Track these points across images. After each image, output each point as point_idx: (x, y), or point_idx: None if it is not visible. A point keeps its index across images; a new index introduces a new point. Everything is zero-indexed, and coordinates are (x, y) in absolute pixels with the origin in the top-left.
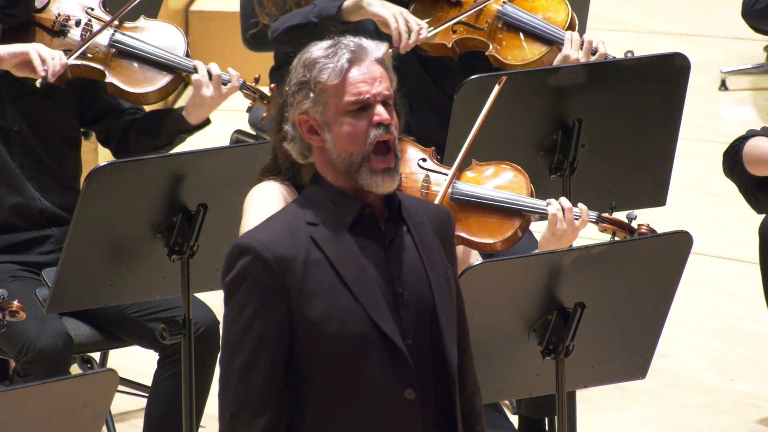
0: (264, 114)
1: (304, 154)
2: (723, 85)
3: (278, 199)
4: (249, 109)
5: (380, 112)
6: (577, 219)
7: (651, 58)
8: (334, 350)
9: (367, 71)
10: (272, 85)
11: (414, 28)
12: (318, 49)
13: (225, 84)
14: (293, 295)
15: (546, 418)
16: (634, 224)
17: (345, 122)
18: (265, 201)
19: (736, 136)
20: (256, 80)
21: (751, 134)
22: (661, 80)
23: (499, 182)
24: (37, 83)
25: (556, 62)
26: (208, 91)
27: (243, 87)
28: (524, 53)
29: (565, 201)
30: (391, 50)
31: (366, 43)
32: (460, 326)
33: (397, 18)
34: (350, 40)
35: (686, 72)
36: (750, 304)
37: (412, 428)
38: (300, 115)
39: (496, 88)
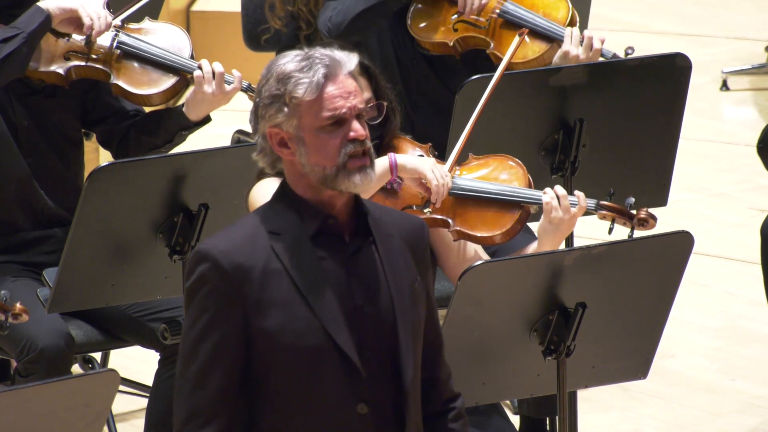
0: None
1: (274, 165)
2: (724, 85)
3: None
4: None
5: (356, 128)
6: (573, 206)
7: (652, 58)
8: (288, 361)
9: (342, 86)
10: None
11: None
12: (291, 62)
13: (228, 84)
14: (250, 303)
15: (547, 419)
16: (633, 211)
17: (320, 137)
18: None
19: (738, 136)
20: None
21: None
22: (663, 80)
23: (497, 175)
24: (81, 41)
25: (555, 58)
26: (209, 87)
27: (247, 89)
28: (525, 51)
29: (559, 189)
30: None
31: (338, 55)
32: (431, 333)
33: None
34: (323, 53)
35: (687, 72)
36: (752, 303)
37: None
38: (271, 128)
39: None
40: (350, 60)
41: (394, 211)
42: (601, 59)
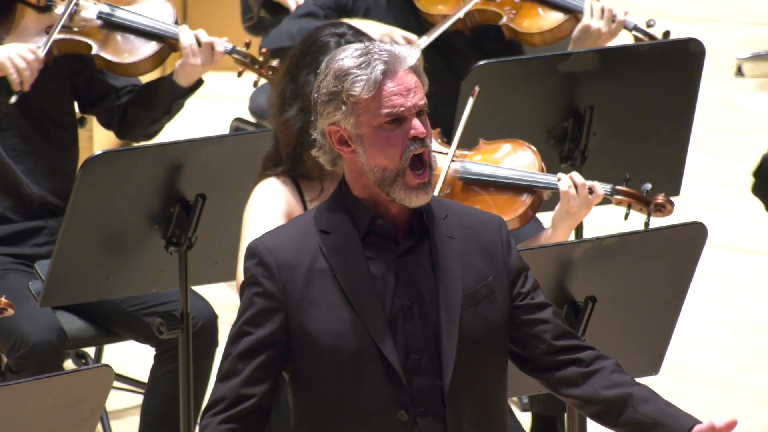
0: (256, 79)
1: (334, 161)
2: (739, 71)
3: (275, 205)
4: (255, 84)
5: (416, 125)
6: (590, 194)
7: (665, 44)
8: (330, 363)
9: (401, 83)
10: (264, 50)
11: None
12: (349, 58)
13: (215, 50)
14: (293, 302)
15: (557, 416)
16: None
17: (379, 136)
18: (261, 209)
19: (752, 124)
20: (247, 45)
21: None
22: (675, 66)
23: (509, 160)
24: (12, 100)
25: (576, 32)
26: (196, 59)
27: (233, 52)
28: (541, 21)
29: (577, 176)
30: None
31: (398, 50)
32: (542, 322)
33: None
34: (382, 48)
35: (701, 58)
36: (766, 297)
37: None
38: (330, 126)
39: (471, 100)
40: (411, 54)
41: (468, 211)
42: (624, 32)
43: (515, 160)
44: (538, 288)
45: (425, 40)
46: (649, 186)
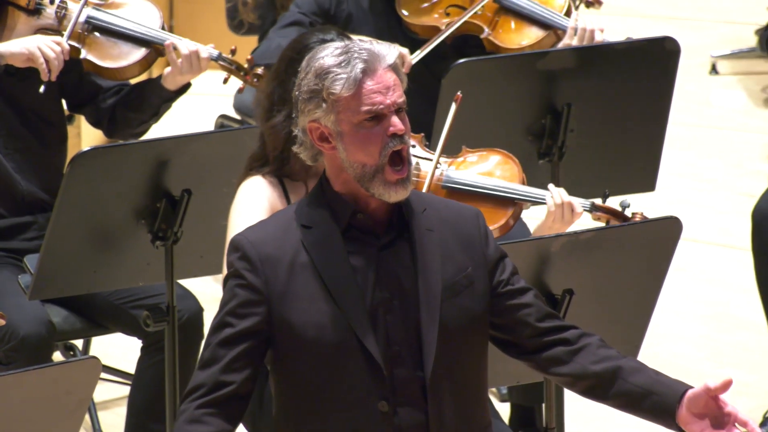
0: (241, 86)
1: (315, 158)
2: (713, 69)
3: (262, 201)
4: (240, 90)
5: (395, 122)
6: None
7: (641, 42)
8: (312, 354)
9: (381, 81)
10: (249, 57)
11: None
12: (329, 56)
13: (200, 57)
14: (275, 295)
15: (537, 406)
16: (628, 212)
17: (359, 133)
18: (247, 205)
19: (727, 121)
20: (233, 52)
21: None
22: (651, 64)
23: (491, 170)
24: (41, 89)
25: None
26: (183, 69)
27: (219, 59)
28: (521, 37)
29: (564, 194)
30: None
31: (377, 48)
32: (524, 306)
33: None
34: (362, 47)
35: (676, 56)
36: (740, 290)
37: None
38: (311, 123)
39: (453, 106)
40: (390, 53)
41: (445, 204)
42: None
43: (498, 170)
44: (517, 273)
45: (417, 56)
46: (628, 202)
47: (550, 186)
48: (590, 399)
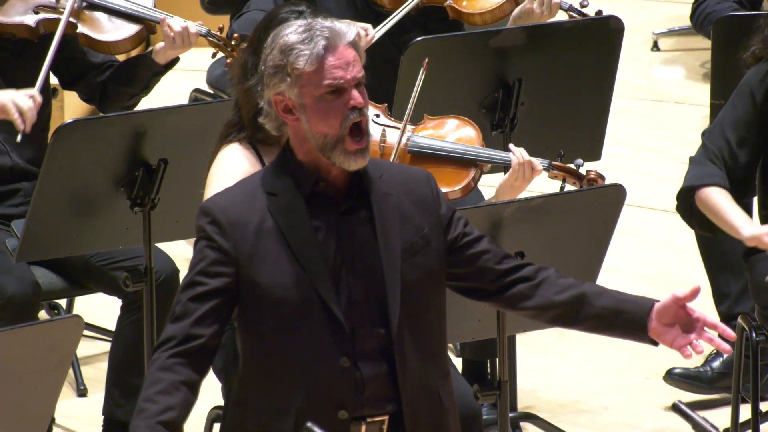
0: (228, 60)
1: (279, 128)
2: (655, 46)
3: (239, 169)
4: (214, 55)
5: (355, 96)
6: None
7: (587, 21)
8: (277, 313)
9: (341, 57)
10: (235, 35)
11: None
12: (293, 34)
13: (191, 33)
14: (243, 257)
15: (488, 361)
16: (582, 171)
17: (321, 106)
18: (226, 172)
19: (668, 94)
20: (221, 30)
21: (698, 178)
22: (597, 42)
23: (453, 134)
24: (18, 139)
25: (515, 12)
26: (176, 44)
27: (208, 35)
28: (483, 2)
29: (524, 153)
30: None
31: (338, 26)
32: (483, 253)
33: None
34: (324, 25)
35: (620, 34)
36: (681, 252)
37: (344, 394)
38: (276, 96)
39: (422, 71)
40: (350, 30)
41: (399, 168)
42: (559, 12)
43: (459, 134)
44: (469, 224)
45: (379, 30)
46: (581, 162)
47: (511, 146)
48: (560, 327)
